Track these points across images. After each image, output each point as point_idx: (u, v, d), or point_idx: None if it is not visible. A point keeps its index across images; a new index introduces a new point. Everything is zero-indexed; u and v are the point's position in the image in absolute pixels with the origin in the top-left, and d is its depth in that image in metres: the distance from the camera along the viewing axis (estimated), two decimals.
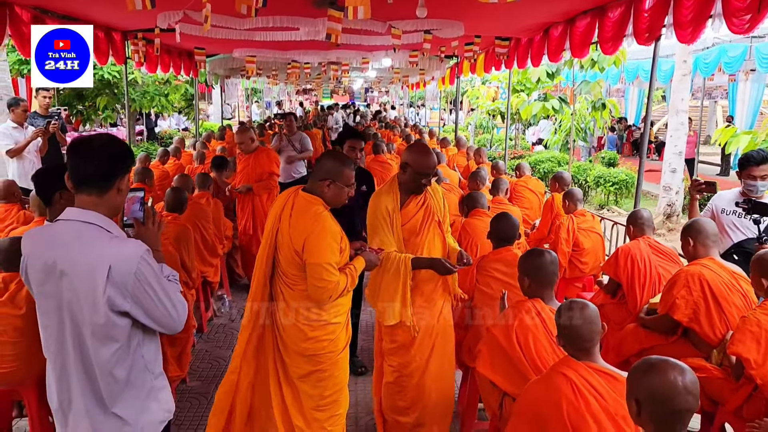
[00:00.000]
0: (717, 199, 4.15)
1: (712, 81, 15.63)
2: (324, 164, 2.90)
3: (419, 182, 3.27)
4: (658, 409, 1.73)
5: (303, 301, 2.85)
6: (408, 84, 18.61)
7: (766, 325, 2.81)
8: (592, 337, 2.29)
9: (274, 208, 2.93)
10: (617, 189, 10.37)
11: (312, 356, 2.90)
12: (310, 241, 2.74)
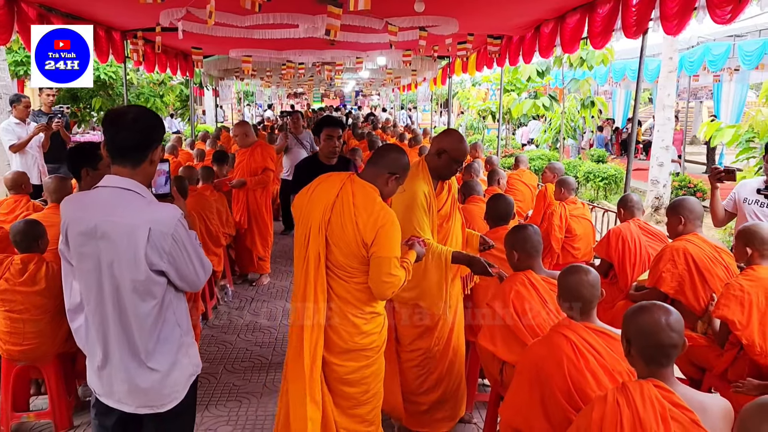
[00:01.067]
0: (740, 188, 4.11)
1: (697, 81, 15.95)
2: (393, 158, 2.78)
3: (453, 168, 3.30)
4: (644, 343, 1.93)
5: (360, 294, 2.70)
6: (399, 86, 18.83)
7: (748, 289, 3.01)
8: (592, 300, 2.48)
9: (319, 196, 2.69)
10: (606, 184, 10.64)
11: (362, 351, 2.75)
12: (383, 234, 2.59)
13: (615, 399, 1.89)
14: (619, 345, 2.43)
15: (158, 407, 2.25)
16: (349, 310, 2.69)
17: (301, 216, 2.73)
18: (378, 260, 2.59)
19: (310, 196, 2.73)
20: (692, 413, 1.85)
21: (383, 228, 2.58)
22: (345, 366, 2.74)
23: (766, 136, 6.05)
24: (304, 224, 2.70)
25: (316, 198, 2.70)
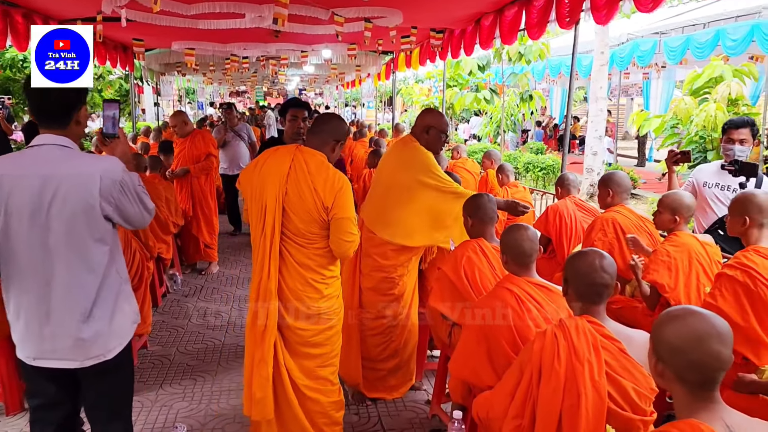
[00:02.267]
0: (697, 173, 4.11)
1: (628, 79, 16.73)
2: (336, 125, 2.93)
3: (442, 141, 3.62)
4: (580, 283, 2.14)
5: (320, 259, 2.82)
6: (343, 82, 18.94)
7: (674, 254, 3.27)
8: (531, 254, 2.68)
9: (272, 170, 2.77)
10: (545, 174, 11.11)
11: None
12: (341, 196, 2.74)
13: (553, 333, 2.10)
14: (558, 296, 2.66)
15: (105, 354, 2.27)
16: (311, 275, 2.80)
17: (254, 191, 2.81)
18: (340, 221, 2.73)
19: (260, 171, 2.80)
20: (620, 343, 2.07)
21: (341, 191, 2.73)
22: (310, 329, 2.85)
23: (688, 122, 6.50)
24: (258, 198, 2.78)
25: (267, 171, 2.78)
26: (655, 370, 1.57)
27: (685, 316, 1.55)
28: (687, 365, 1.49)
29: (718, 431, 1.42)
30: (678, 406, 1.55)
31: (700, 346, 1.48)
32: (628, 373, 2.04)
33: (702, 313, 1.55)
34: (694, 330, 1.50)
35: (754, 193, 2.88)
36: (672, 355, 1.52)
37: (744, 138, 3.79)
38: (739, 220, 2.79)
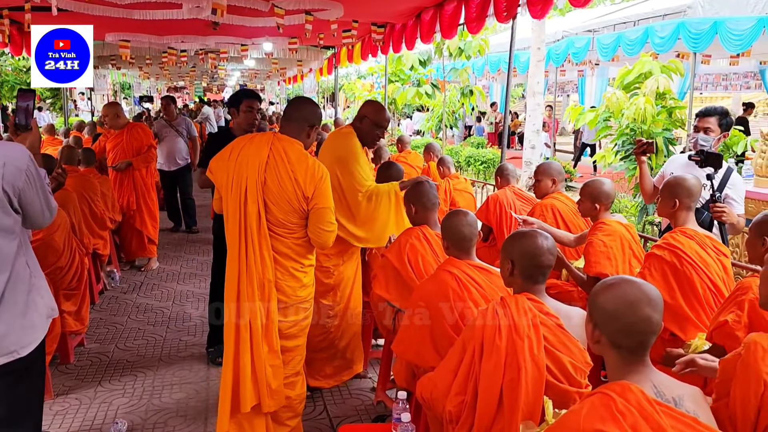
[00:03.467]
0: (669, 164, 4.06)
1: (564, 76, 17.24)
2: (311, 110, 2.91)
3: (375, 134, 3.56)
4: (527, 263, 2.21)
5: (299, 248, 2.82)
6: (285, 78, 18.75)
7: (610, 244, 3.38)
8: (471, 238, 2.74)
9: (248, 160, 2.72)
10: (485, 168, 11.34)
11: (302, 303, 2.88)
12: (322, 186, 2.73)
13: (495, 310, 2.16)
14: (497, 278, 2.73)
15: (19, 351, 2.16)
16: (291, 265, 2.80)
17: (230, 181, 2.75)
18: (320, 211, 2.73)
19: (236, 160, 2.75)
20: (558, 319, 2.15)
21: (322, 180, 2.73)
22: (288, 321, 2.84)
23: (620, 115, 6.77)
24: (235, 188, 2.72)
25: (244, 160, 2.72)
26: (592, 337, 1.64)
27: (619, 283, 1.62)
28: (620, 330, 1.56)
29: (647, 391, 1.50)
30: (610, 370, 1.63)
31: (632, 310, 1.55)
32: (565, 347, 2.13)
33: (634, 280, 1.63)
34: (626, 296, 1.57)
35: (684, 177, 3.03)
36: (607, 321, 1.59)
37: (708, 127, 3.69)
38: (669, 202, 2.93)
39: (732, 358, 1.83)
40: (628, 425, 1.41)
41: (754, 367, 1.70)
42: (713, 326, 2.43)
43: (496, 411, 2.08)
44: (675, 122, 6.85)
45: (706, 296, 2.71)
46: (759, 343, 1.73)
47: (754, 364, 1.70)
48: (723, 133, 3.72)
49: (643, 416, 1.42)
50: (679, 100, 7.56)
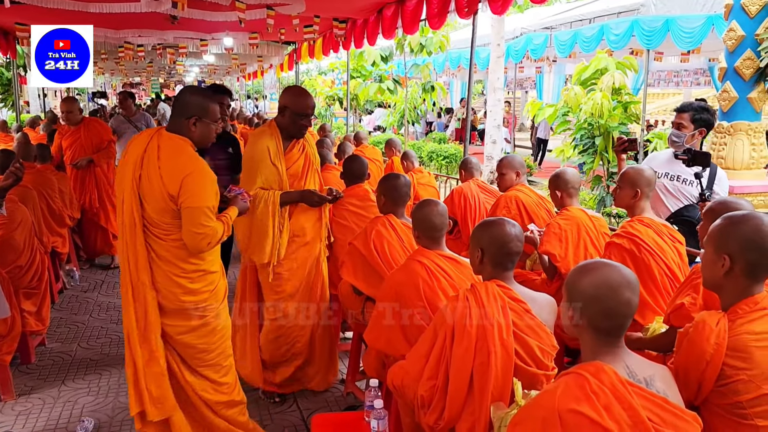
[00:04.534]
0: (650, 160, 3.94)
1: (523, 73, 17.54)
2: (187, 100, 2.64)
3: (299, 124, 3.29)
4: (496, 251, 2.26)
5: (178, 252, 2.63)
6: (245, 74, 18.57)
7: (565, 227, 3.50)
8: (442, 228, 2.79)
9: (130, 154, 2.61)
10: (448, 162, 11.47)
11: (193, 310, 2.70)
12: (188, 183, 2.51)
13: (465, 296, 2.21)
14: (465, 268, 2.79)
15: None
16: (170, 269, 2.63)
17: (118, 178, 2.67)
18: (188, 211, 2.53)
19: (124, 157, 2.65)
20: (525, 304, 2.22)
21: (189, 176, 2.51)
22: (178, 326, 2.69)
23: (578, 110, 6.95)
24: (119, 185, 2.64)
25: (127, 158, 2.62)
26: (570, 320, 1.68)
27: (599, 267, 1.66)
28: (601, 312, 1.60)
29: (620, 372, 1.56)
30: (585, 351, 1.67)
31: (614, 294, 1.59)
32: (533, 332, 2.20)
33: (612, 264, 1.68)
34: (608, 280, 1.61)
35: (643, 168, 3.13)
36: (588, 304, 1.62)
37: (681, 123, 3.61)
38: (630, 192, 3.03)
39: (682, 333, 1.92)
40: (602, 405, 1.48)
41: (698, 345, 1.78)
42: (670, 309, 2.54)
43: (466, 394, 2.14)
44: (630, 117, 7.07)
45: (663, 282, 2.83)
46: (706, 322, 1.81)
47: (698, 343, 1.78)
48: (698, 129, 3.59)
49: (616, 396, 1.49)
50: (634, 96, 7.80)
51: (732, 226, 1.85)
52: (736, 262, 1.81)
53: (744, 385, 1.73)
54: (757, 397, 1.73)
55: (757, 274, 1.83)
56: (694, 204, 3.52)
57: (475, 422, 2.10)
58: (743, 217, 1.85)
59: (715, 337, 1.77)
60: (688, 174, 3.47)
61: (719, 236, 1.86)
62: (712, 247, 1.88)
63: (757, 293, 1.83)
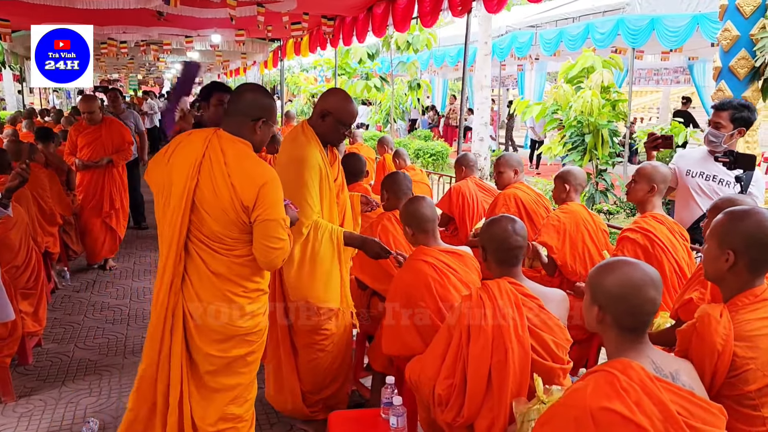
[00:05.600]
0: (679, 159, 3.64)
1: (505, 70, 17.66)
2: (252, 99, 2.37)
3: (341, 133, 2.94)
4: (497, 247, 2.30)
5: (241, 269, 2.36)
6: (228, 70, 18.41)
7: (563, 220, 3.56)
8: (434, 218, 2.83)
9: (180, 159, 2.31)
10: (434, 159, 11.53)
11: (246, 335, 2.41)
12: (266, 194, 2.25)
13: (478, 295, 2.24)
14: (468, 259, 2.83)
15: None
16: (230, 288, 2.35)
17: (158, 184, 2.36)
18: (263, 224, 2.27)
19: (168, 160, 2.34)
20: (539, 300, 2.26)
21: (266, 186, 2.26)
22: (226, 356, 2.39)
23: (567, 108, 7.03)
24: (165, 192, 2.33)
25: (176, 161, 2.32)
26: (596, 318, 1.70)
27: (623, 266, 1.69)
28: (626, 311, 1.64)
29: (647, 367, 1.59)
30: (610, 348, 1.71)
31: (638, 292, 1.63)
32: (546, 327, 2.23)
33: (636, 262, 1.72)
34: (632, 278, 1.65)
35: (660, 164, 3.17)
36: (613, 303, 1.65)
37: (719, 122, 3.36)
38: (645, 187, 3.08)
39: (688, 329, 1.95)
40: (632, 401, 1.51)
41: (708, 338, 1.82)
42: (678, 304, 2.60)
43: (485, 391, 2.17)
44: (618, 114, 7.17)
45: (672, 278, 2.89)
46: (711, 315, 1.85)
47: (707, 336, 1.82)
48: (737, 128, 3.36)
49: (646, 392, 1.52)
50: (623, 93, 7.91)
51: (735, 222, 1.89)
52: (740, 258, 1.85)
53: (752, 374, 1.77)
54: (764, 387, 1.78)
55: (759, 269, 1.88)
56: None
57: (494, 418, 2.14)
58: (746, 213, 1.90)
59: (722, 328, 1.81)
60: (725, 175, 3.30)
61: (722, 232, 1.91)
62: (716, 242, 1.91)
63: (757, 286, 1.88)
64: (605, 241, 3.56)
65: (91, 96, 6.37)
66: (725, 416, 1.62)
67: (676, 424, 1.51)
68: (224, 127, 2.36)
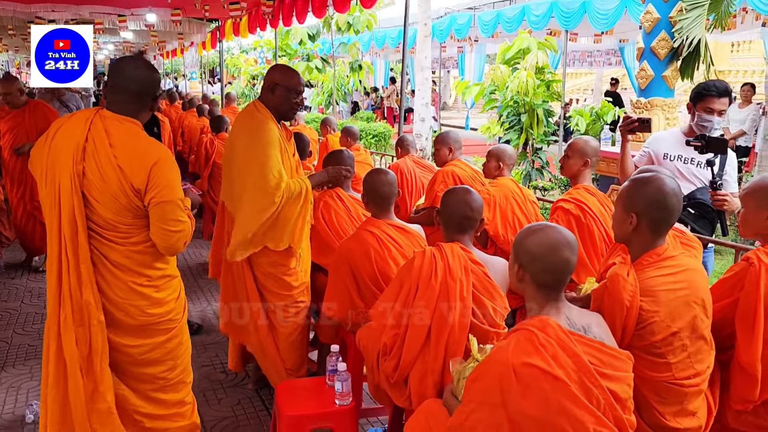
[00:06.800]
0: (654, 142, 3.54)
1: (446, 52, 17.87)
2: (127, 75, 2.22)
3: (292, 102, 2.97)
4: (452, 214, 2.42)
5: (141, 257, 2.25)
6: (164, 51, 17.91)
7: (494, 193, 3.70)
8: (387, 196, 2.93)
9: (60, 144, 2.16)
10: (377, 141, 11.64)
11: (158, 324, 2.32)
12: (158, 173, 2.14)
13: (432, 253, 2.35)
14: (414, 237, 2.95)
15: None
16: (132, 278, 2.24)
17: (44, 173, 2.19)
18: (159, 207, 2.16)
19: (50, 146, 2.19)
20: (484, 267, 2.38)
21: (157, 166, 2.14)
22: (141, 346, 2.30)
23: (504, 88, 7.24)
24: (50, 182, 2.17)
25: (58, 146, 2.17)
26: (517, 276, 1.85)
27: (544, 228, 1.85)
28: (543, 269, 1.79)
29: (562, 323, 1.74)
30: (529, 304, 1.86)
31: (555, 252, 1.78)
32: (488, 293, 2.36)
33: (556, 227, 1.87)
34: (550, 239, 1.79)
35: (590, 138, 3.37)
36: (531, 261, 1.80)
37: (723, 110, 3.25)
38: (579, 161, 3.24)
39: (600, 288, 2.13)
40: (550, 356, 1.65)
41: (618, 295, 1.99)
42: (603, 268, 2.77)
43: (423, 345, 2.28)
44: (552, 95, 7.43)
45: (601, 246, 3.09)
46: (620, 274, 2.03)
47: (617, 293, 1.99)
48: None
49: (561, 346, 1.67)
50: (557, 74, 8.18)
51: (638, 187, 2.09)
52: (642, 219, 2.04)
53: (657, 326, 1.96)
54: (667, 336, 1.97)
55: (659, 229, 2.08)
56: (702, 188, 3.31)
57: (427, 371, 2.26)
58: (648, 179, 2.09)
59: (629, 286, 1.99)
60: (703, 158, 3.21)
61: (627, 196, 2.10)
62: (622, 206, 2.11)
63: (659, 246, 2.07)
64: (535, 212, 3.74)
65: (9, 77, 5.90)
66: (632, 360, 1.79)
67: (588, 372, 1.66)
68: (108, 107, 2.23)
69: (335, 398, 2.48)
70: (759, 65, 18.73)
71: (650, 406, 1.98)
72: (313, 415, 2.51)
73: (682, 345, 1.97)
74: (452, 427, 1.79)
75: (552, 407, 1.60)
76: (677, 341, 1.96)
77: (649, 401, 1.97)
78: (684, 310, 1.97)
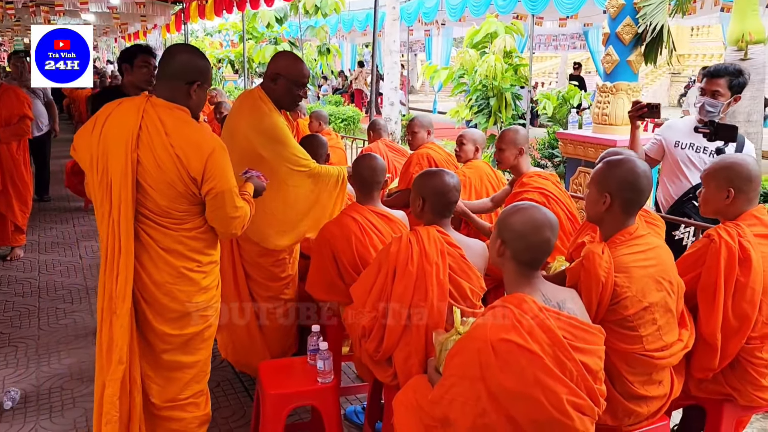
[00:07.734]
0: (666, 130, 3.45)
1: (413, 35, 17.89)
2: (185, 61, 2.23)
3: (295, 94, 2.92)
4: (437, 200, 2.47)
5: (192, 243, 2.27)
6: (126, 34, 17.50)
7: (468, 174, 3.75)
8: (371, 182, 2.95)
9: (117, 133, 2.15)
10: (346, 125, 11.65)
11: (201, 311, 2.34)
12: (214, 164, 2.16)
13: (408, 238, 2.41)
14: (396, 225, 3.00)
15: None
16: (184, 263, 2.26)
17: (93, 160, 2.19)
18: (219, 195, 2.20)
19: (101, 133, 2.19)
20: (461, 249, 2.44)
21: (213, 155, 2.17)
22: (183, 334, 2.32)
23: (473, 72, 7.32)
24: (101, 170, 2.17)
25: (110, 133, 2.17)
26: (497, 251, 1.92)
27: (528, 208, 1.92)
28: (524, 247, 1.86)
29: (537, 299, 1.83)
30: (508, 279, 1.95)
31: (537, 232, 1.85)
32: (466, 275, 2.44)
33: (540, 208, 1.94)
34: (533, 219, 1.87)
35: (517, 127, 3.40)
36: (514, 238, 1.88)
37: (717, 90, 3.12)
38: (514, 151, 3.31)
39: (576, 266, 2.21)
40: (526, 331, 1.73)
41: (594, 271, 2.08)
42: (572, 247, 2.89)
43: (404, 328, 2.36)
44: (519, 78, 7.54)
45: (567, 225, 3.18)
46: (595, 252, 2.13)
47: (593, 269, 2.08)
48: (734, 96, 3.16)
49: (537, 322, 1.75)
50: (524, 58, 8.29)
51: (611, 168, 2.18)
52: (615, 199, 2.13)
53: (629, 301, 2.06)
54: (639, 311, 2.07)
55: (631, 210, 2.17)
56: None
57: (411, 352, 2.33)
58: (621, 161, 2.18)
59: (604, 263, 2.09)
60: (714, 146, 3.09)
61: (600, 178, 2.19)
62: (595, 187, 2.20)
63: (630, 225, 2.18)
64: None
65: None
66: (603, 334, 1.89)
67: (562, 346, 1.75)
68: (157, 94, 2.22)
69: (317, 376, 2.54)
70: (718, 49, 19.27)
71: (621, 376, 2.09)
72: (296, 393, 2.56)
73: (653, 318, 2.08)
74: (434, 399, 1.87)
75: (528, 380, 1.69)
76: (648, 315, 2.07)
77: (620, 371, 2.09)
78: (654, 285, 2.08)
